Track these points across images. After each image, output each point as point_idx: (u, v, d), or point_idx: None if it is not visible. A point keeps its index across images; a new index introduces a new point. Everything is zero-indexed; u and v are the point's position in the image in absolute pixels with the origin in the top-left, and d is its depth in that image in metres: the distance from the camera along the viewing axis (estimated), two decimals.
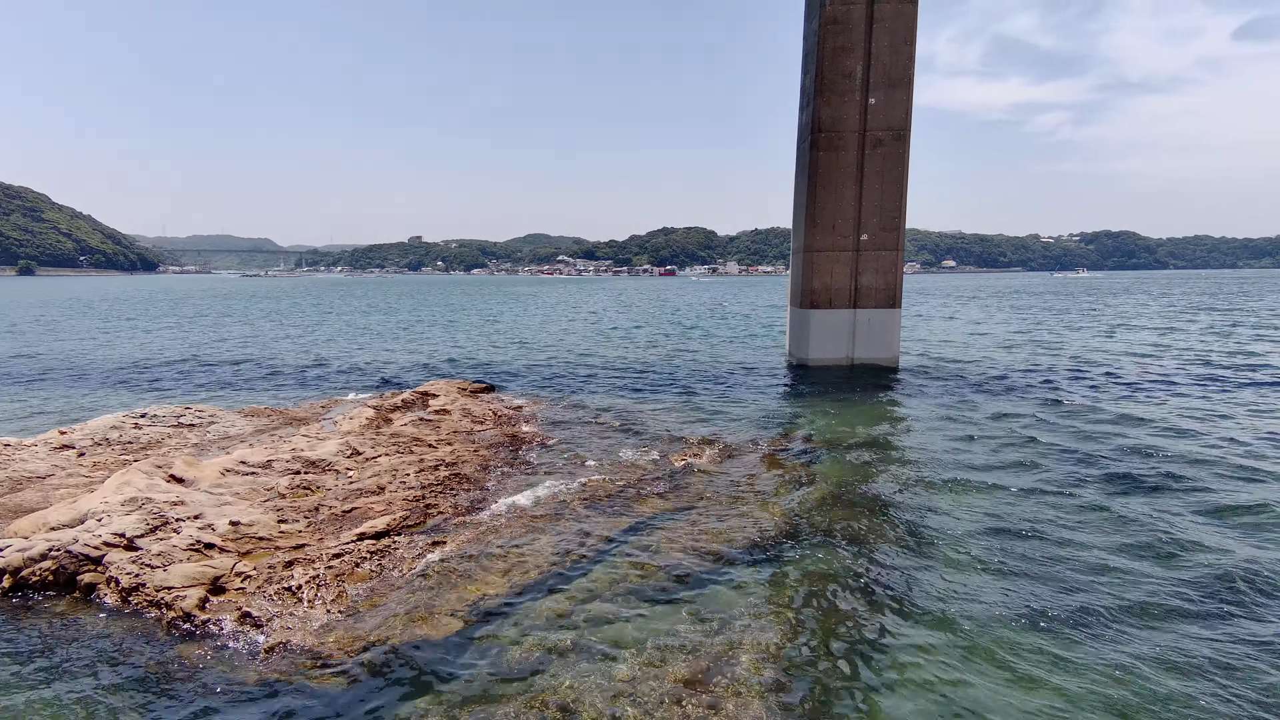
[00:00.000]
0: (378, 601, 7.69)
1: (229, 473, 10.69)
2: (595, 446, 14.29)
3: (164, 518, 8.52)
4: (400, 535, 9.19)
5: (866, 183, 24.24)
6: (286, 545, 8.55)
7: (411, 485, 10.90)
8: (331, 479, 10.97)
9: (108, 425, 13.41)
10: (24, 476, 10.90)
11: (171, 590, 7.35)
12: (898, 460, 13.49)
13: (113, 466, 11.85)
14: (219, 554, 8.12)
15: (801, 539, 9.64)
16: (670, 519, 10.44)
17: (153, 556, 7.80)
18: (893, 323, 25.07)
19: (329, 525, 9.28)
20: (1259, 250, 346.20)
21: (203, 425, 14.54)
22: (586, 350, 32.82)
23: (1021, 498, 11.17)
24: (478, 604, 7.82)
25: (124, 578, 7.52)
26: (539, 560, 8.94)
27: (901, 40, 23.66)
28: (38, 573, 7.74)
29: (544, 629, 7.34)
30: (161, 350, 32.27)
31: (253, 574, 7.78)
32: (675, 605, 7.91)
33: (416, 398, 17.59)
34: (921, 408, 18.15)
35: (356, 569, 8.15)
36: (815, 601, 7.95)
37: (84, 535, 8.09)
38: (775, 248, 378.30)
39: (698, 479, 12.23)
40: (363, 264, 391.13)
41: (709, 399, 20.02)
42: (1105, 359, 27.47)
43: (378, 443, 13.09)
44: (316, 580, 7.69)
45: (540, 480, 11.99)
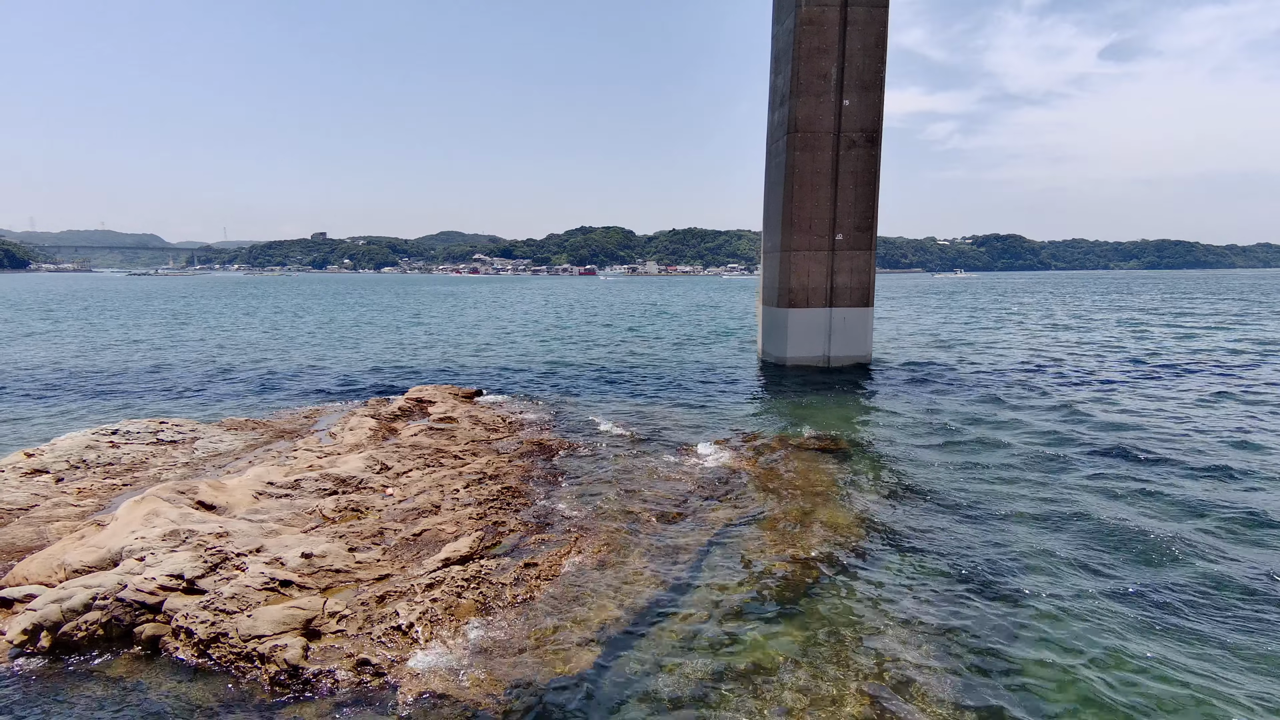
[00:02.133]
0: (496, 635, 6.92)
1: (262, 496, 9.49)
2: (625, 453, 13.71)
3: (220, 552, 7.39)
4: (484, 559, 8.38)
5: (841, 183, 24.62)
6: (368, 577, 7.60)
7: (467, 502, 10.03)
8: (376, 498, 9.94)
9: (81, 445, 11.70)
10: (2, 509, 9.29)
11: (263, 639, 6.33)
12: (925, 456, 13.61)
13: (101, 493, 10.34)
14: (299, 592, 7.10)
15: (881, 540, 9.48)
16: (743, 527, 10.06)
17: (225, 600, 6.72)
18: (867, 321, 25.60)
19: (404, 551, 8.35)
20: (1127, 253, 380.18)
21: (185, 441, 12.97)
22: (551, 351, 31.90)
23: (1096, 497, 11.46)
24: (602, 631, 7.19)
25: (198, 627, 6.43)
26: (639, 578, 8.36)
27: (874, 43, 24.16)
28: (84, 627, 6.51)
29: (679, 654, 6.82)
30: (81, 357, 28.98)
31: (347, 613, 6.84)
32: (797, 619, 7.55)
33: (413, 405, 16.42)
34: (909, 404, 18.53)
35: (460, 600, 7.32)
36: (921, 603, 7.77)
37: (132, 579, 6.89)
38: (693, 248, 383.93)
39: (750, 483, 11.90)
40: (262, 261, 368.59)
41: (704, 398, 19.74)
42: (1046, 354, 29.12)
43: (403, 456, 12.03)
44: (427, 616, 6.84)
45: (594, 490, 11.34)
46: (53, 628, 6.48)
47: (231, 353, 30.98)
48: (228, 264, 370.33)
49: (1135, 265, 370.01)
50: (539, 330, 44.08)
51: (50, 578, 7.49)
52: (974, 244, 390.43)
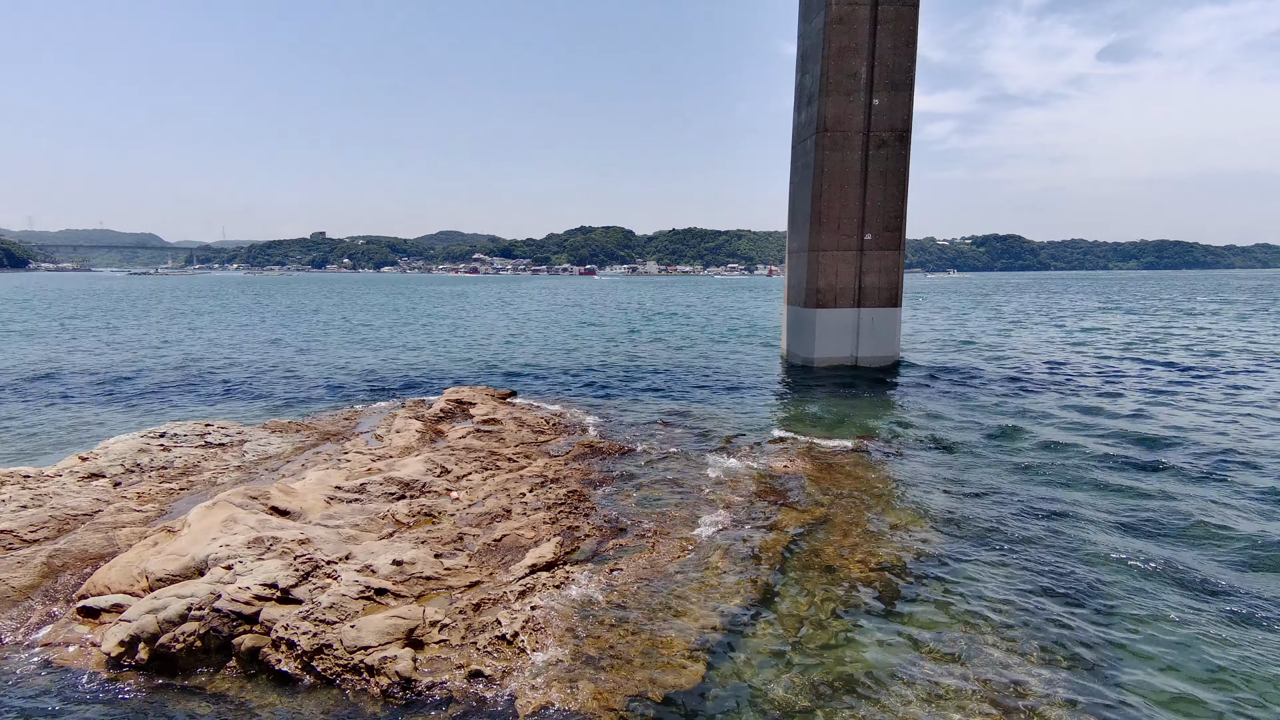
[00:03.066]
0: (599, 644, 6.75)
1: (333, 501, 9.30)
2: (677, 455, 13.53)
3: (310, 560, 7.20)
4: (567, 564, 8.21)
5: (870, 183, 24.47)
6: (459, 584, 7.42)
7: (536, 507, 9.85)
8: (445, 502, 9.75)
9: (134, 449, 11.50)
10: (68, 514, 9.10)
11: (369, 650, 6.15)
12: (976, 456, 13.46)
13: (160, 498, 10.15)
14: (395, 600, 6.92)
15: (954, 542, 9.32)
16: (815, 529, 9.90)
17: (324, 610, 6.54)
18: (895, 322, 25.46)
19: (489, 558, 8.17)
20: (1126, 253, 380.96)
21: (233, 444, 12.78)
22: (572, 352, 31.73)
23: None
24: (703, 639, 7.01)
25: (301, 639, 6.24)
26: (723, 583, 8.20)
27: (904, 42, 24.01)
28: (181, 638, 6.32)
29: (784, 662, 6.68)
30: (109, 358, 28.74)
31: (447, 622, 6.66)
32: (893, 623, 7.40)
33: (454, 406, 16.23)
34: (948, 405, 18.37)
35: (556, 606, 7.14)
36: (1013, 608, 7.59)
37: (225, 588, 6.70)
38: (693, 248, 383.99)
39: (810, 485, 11.74)
40: (261, 261, 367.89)
41: (738, 399, 19.59)
42: (1072, 354, 29.00)
43: (459, 459, 11.85)
44: (530, 625, 6.66)
45: (655, 493, 11.17)
46: (150, 639, 6.30)
47: (255, 353, 30.76)
48: (227, 263, 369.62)
49: (1134, 265, 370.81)
50: (553, 330, 43.89)
51: (132, 586, 7.31)
52: (973, 244, 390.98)
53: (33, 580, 7.52)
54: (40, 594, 7.46)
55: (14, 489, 9.56)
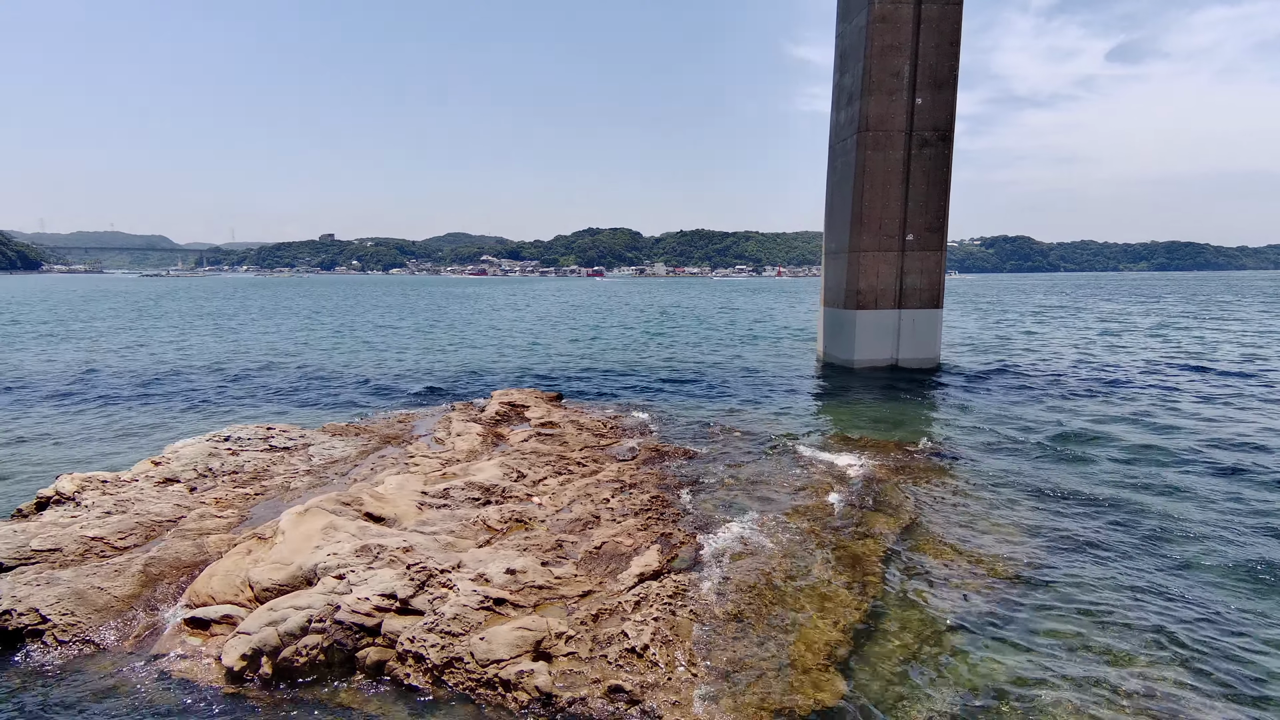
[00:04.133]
0: (729, 657, 6.52)
1: (424, 507, 9.10)
2: (745, 459, 13.29)
3: (424, 569, 6.99)
4: (673, 573, 7.97)
5: (913, 182, 24.20)
6: (572, 594, 7.20)
7: (624, 513, 9.62)
8: (532, 508, 9.53)
9: (204, 453, 11.32)
10: (152, 521, 8.92)
11: (502, 663, 5.93)
12: (1051, 462, 13.17)
13: (237, 503, 9.96)
14: (514, 610, 6.71)
15: (1056, 549, 9.04)
16: (912, 535, 9.65)
17: (448, 621, 6.32)
18: (936, 323, 25.16)
19: (594, 565, 7.95)
20: (1136, 254, 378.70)
21: (297, 448, 12.60)
22: (602, 354, 31.52)
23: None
24: (830, 651, 6.77)
25: (430, 651, 6.03)
26: (835, 591, 7.95)
27: (947, 41, 23.73)
28: (304, 652, 6.11)
29: (916, 677, 6.43)
30: (144, 362, 28.69)
31: (572, 634, 6.44)
32: (1021, 633, 7.15)
33: (508, 409, 16.02)
34: (1002, 408, 18.07)
35: (675, 618, 6.91)
36: (1139, 615, 7.31)
37: (344, 599, 6.49)
38: (700, 249, 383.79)
39: (890, 490, 11.47)
40: (271, 263, 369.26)
41: (786, 401, 19.35)
42: (1115, 358, 28.63)
43: (531, 463, 11.64)
44: (659, 637, 6.43)
45: (735, 499, 10.92)
46: (272, 653, 6.09)
47: (290, 356, 30.66)
48: (236, 265, 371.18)
49: (1145, 267, 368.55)
50: (574, 332, 43.70)
51: (237, 596, 7.11)
52: (982, 245, 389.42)
53: (133, 589, 7.33)
54: (142, 603, 7.27)
55: (94, 494, 9.39)
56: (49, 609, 6.72)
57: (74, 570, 7.41)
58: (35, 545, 7.82)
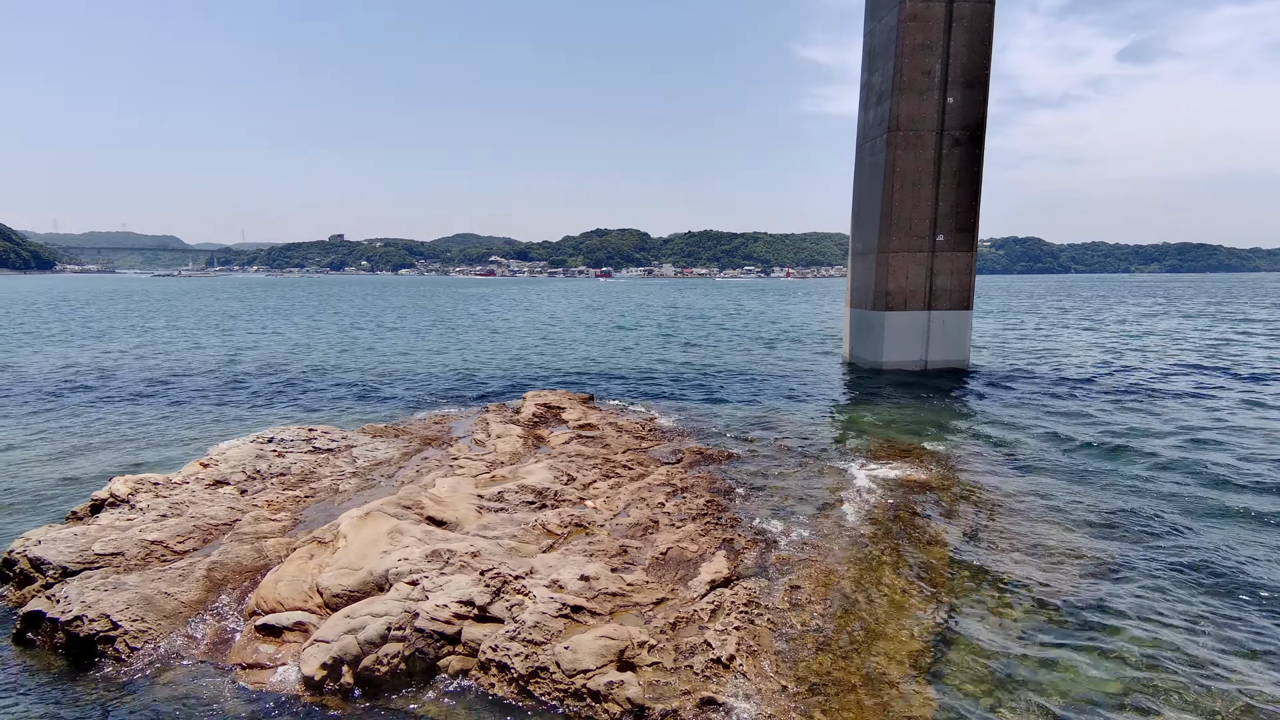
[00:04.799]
0: (816, 668, 6.34)
1: (484, 510, 8.95)
2: (790, 463, 13.10)
3: (498, 575, 6.84)
4: (743, 579, 7.79)
5: (943, 182, 23.94)
6: (646, 601, 7.03)
7: (681, 517, 9.46)
8: (590, 512, 9.37)
9: (251, 455, 11.22)
10: (208, 524, 8.81)
11: (589, 673, 5.77)
12: (1105, 466, 12.92)
13: (288, 505, 9.85)
14: (592, 618, 6.55)
15: (1126, 555, 8.81)
16: (975, 542, 9.44)
17: (529, 629, 6.17)
18: (966, 325, 24.89)
19: (664, 572, 7.78)
20: (1148, 256, 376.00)
21: (340, 450, 12.48)
22: (625, 355, 31.38)
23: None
24: (915, 663, 6.59)
25: (515, 661, 5.87)
26: (910, 601, 7.75)
27: (979, 39, 23.47)
28: (385, 660, 5.97)
29: (1005, 687, 6.24)
30: (173, 363, 28.73)
31: (653, 643, 6.27)
32: (1105, 643, 6.94)
33: (543, 410, 15.88)
34: (1042, 411, 17.81)
35: (754, 627, 6.74)
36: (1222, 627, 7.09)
37: (421, 605, 6.35)
38: (709, 250, 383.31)
39: (945, 496, 11.27)
40: (281, 263, 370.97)
41: (819, 404, 19.15)
42: (1144, 361, 28.28)
43: (579, 466, 11.48)
44: (744, 647, 6.26)
45: (788, 504, 10.74)
46: (353, 662, 5.95)
47: (318, 357, 30.64)
48: (247, 265, 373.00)
49: (1157, 268, 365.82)
50: (591, 333, 43.55)
51: (306, 602, 6.98)
52: (992, 246, 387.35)
53: (199, 595, 7.22)
54: (208, 609, 7.15)
55: (148, 497, 9.29)
56: (119, 615, 6.60)
57: (139, 575, 7.29)
58: (97, 549, 7.71)
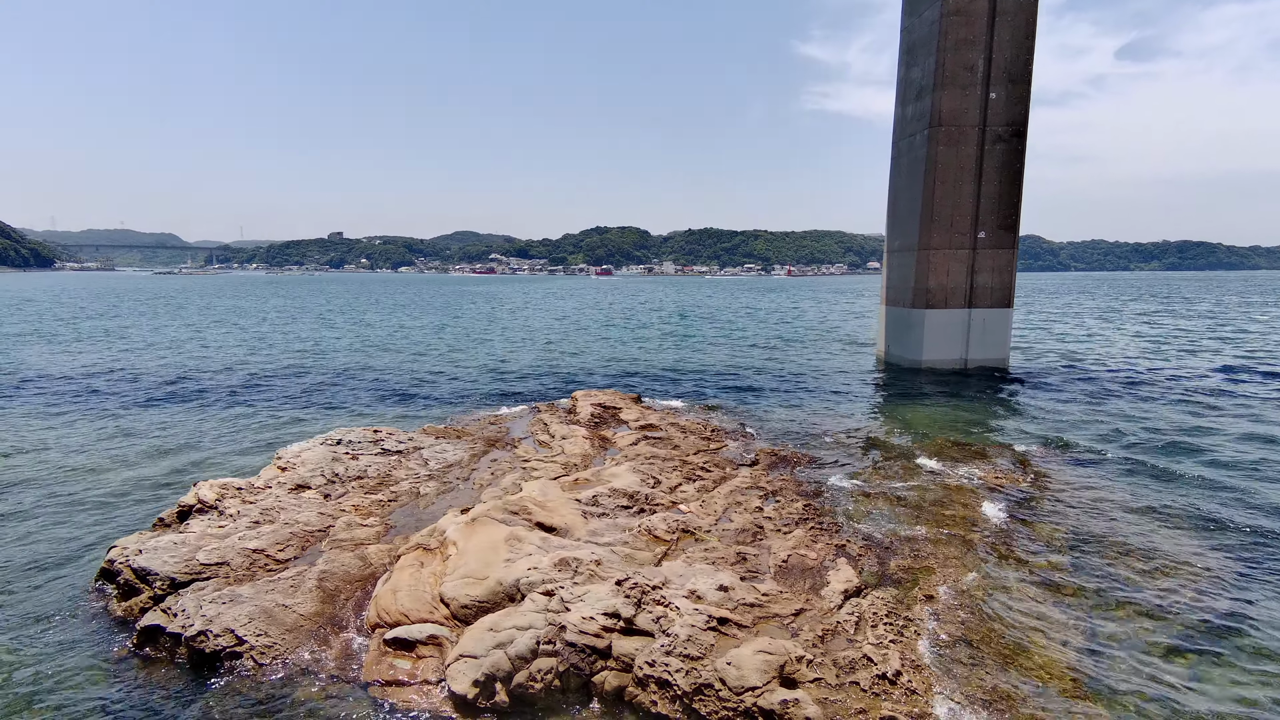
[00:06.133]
0: (982, 684, 6.06)
1: (588, 516, 8.66)
2: (863, 464, 12.83)
3: (637, 586, 6.54)
4: (870, 589, 7.51)
5: (985, 179, 23.66)
6: (785, 612, 6.74)
7: (785, 523, 9.17)
8: (693, 517, 9.08)
9: (327, 458, 10.91)
10: (303, 531, 8.50)
11: (757, 690, 5.48)
12: (1183, 468, 12.66)
13: (375, 510, 9.54)
14: (739, 630, 6.26)
15: (1237, 557, 8.56)
16: (1092, 547, 9.16)
17: (683, 643, 5.88)
18: (1006, 323, 24.62)
19: (793, 581, 7.49)
20: (1148, 254, 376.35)
21: (409, 451, 12.17)
22: (654, 354, 31.09)
23: None
24: (1076, 676, 6.31)
25: (676, 677, 5.58)
26: (1050, 614, 7.46)
27: (1023, 35, 23.17)
28: (538, 676, 5.68)
29: (1169, 700, 5.96)
30: (201, 362, 28.38)
31: (810, 657, 5.98)
32: (1233, 644, 6.67)
33: (599, 410, 15.58)
34: (1097, 410, 17.55)
35: (903, 638, 6.46)
36: None
37: (565, 618, 6.05)
38: (709, 248, 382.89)
39: (1041, 498, 11.00)
40: (280, 261, 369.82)
41: (865, 403, 18.90)
42: (1178, 359, 28.06)
43: (660, 469, 11.19)
44: (909, 661, 5.98)
45: (877, 506, 10.46)
46: (505, 678, 5.65)
47: (346, 358, 30.33)
48: (246, 263, 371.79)
49: (1156, 266, 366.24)
50: (611, 331, 43.23)
51: (432, 613, 6.68)
52: None
53: (316, 607, 6.91)
54: (327, 621, 6.84)
55: (235, 502, 8.98)
56: (243, 629, 6.30)
57: (252, 586, 6.98)
58: (202, 559, 7.40)
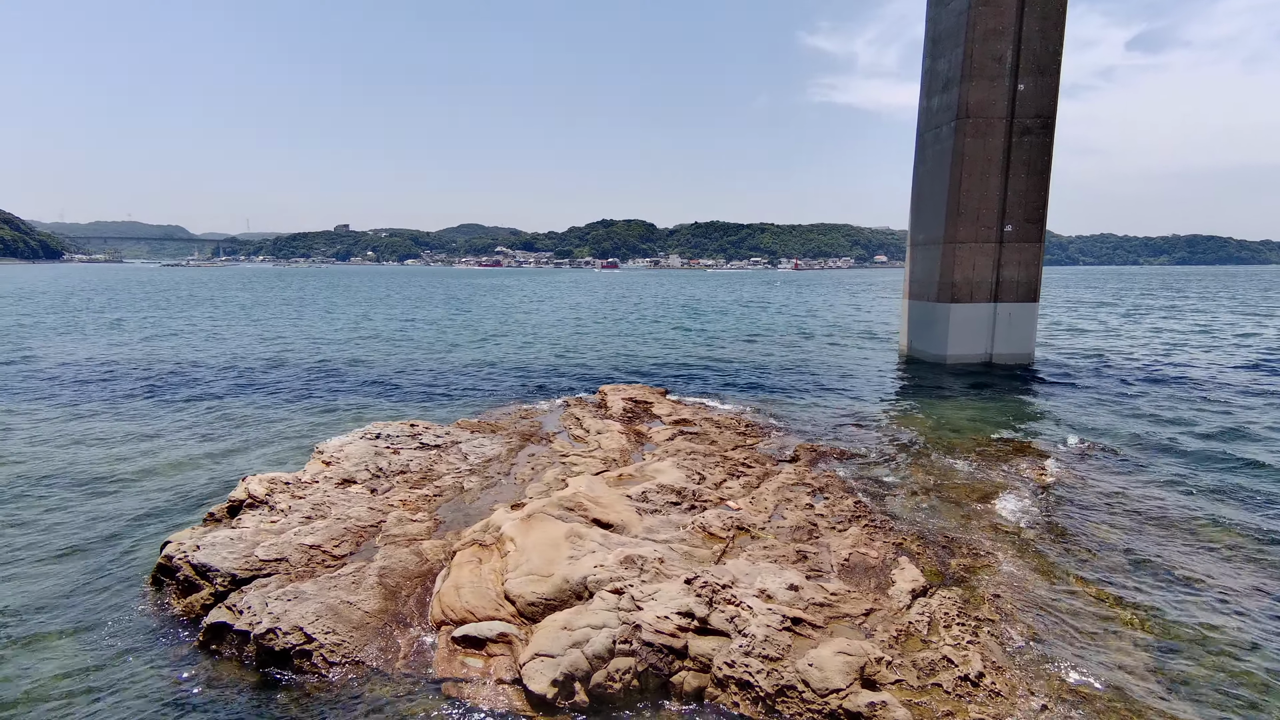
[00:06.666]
0: (1062, 685, 5.95)
1: (642, 512, 8.57)
2: (903, 460, 12.71)
3: (708, 585, 6.45)
4: (934, 588, 7.41)
5: (1012, 171, 23.39)
6: (855, 612, 6.64)
7: (839, 520, 9.07)
8: (745, 514, 8.98)
9: (370, 452, 10.84)
10: (356, 526, 8.43)
11: (841, 693, 5.39)
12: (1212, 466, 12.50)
13: (423, 505, 9.47)
14: (813, 630, 6.16)
15: None
16: (1149, 544, 9.03)
17: (760, 643, 5.79)
18: (1032, 318, 24.40)
19: (858, 579, 7.39)
20: (1157, 248, 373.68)
21: (447, 445, 12.10)
22: (672, 348, 30.98)
23: None
24: (1160, 675, 6.20)
25: (758, 678, 5.49)
26: (1114, 608, 7.35)
27: (1051, 24, 22.87)
28: (617, 676, 5.60)
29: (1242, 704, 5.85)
30: (225, 355, 28.40)
31: (889, 659, 5.89)
32: None
33: (631, 404, 15.49)
34: (1132, 407, 17.37)
35: (978, 639, 6.36)
36: None
37: (639, 616, 5.97)
38: (715, 241, 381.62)
39: (1085, 494, 10.86)
40: (287, 253, 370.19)
41: (896, 399, 18.75)
42: (1201, 354, 27.80)
43: (702, 464, 11.09)
44: (991, 663, 5.88)
45: (925, 502, 10.34)
46: (584, 678, 5.58)
47: (367, 350, 30.31)
48: (253, 255, 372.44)
49: (1166, 261, 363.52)
50: (624, 325, 43.12)
51: (498, 611, 6.61)
52: None
53: (379, 604, 6.84)
54: (391, 618, 6.78)
55: (285, 497, 8.92)
56: (311, 627, 6.23)
57: (314, 583, 6.92)
58: (261, 555, 7.34)
